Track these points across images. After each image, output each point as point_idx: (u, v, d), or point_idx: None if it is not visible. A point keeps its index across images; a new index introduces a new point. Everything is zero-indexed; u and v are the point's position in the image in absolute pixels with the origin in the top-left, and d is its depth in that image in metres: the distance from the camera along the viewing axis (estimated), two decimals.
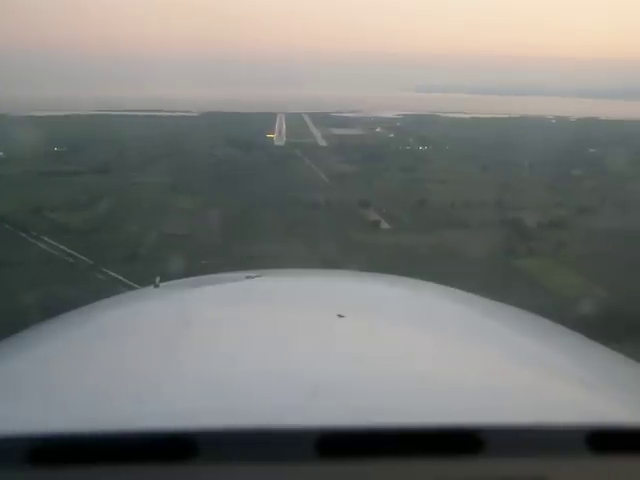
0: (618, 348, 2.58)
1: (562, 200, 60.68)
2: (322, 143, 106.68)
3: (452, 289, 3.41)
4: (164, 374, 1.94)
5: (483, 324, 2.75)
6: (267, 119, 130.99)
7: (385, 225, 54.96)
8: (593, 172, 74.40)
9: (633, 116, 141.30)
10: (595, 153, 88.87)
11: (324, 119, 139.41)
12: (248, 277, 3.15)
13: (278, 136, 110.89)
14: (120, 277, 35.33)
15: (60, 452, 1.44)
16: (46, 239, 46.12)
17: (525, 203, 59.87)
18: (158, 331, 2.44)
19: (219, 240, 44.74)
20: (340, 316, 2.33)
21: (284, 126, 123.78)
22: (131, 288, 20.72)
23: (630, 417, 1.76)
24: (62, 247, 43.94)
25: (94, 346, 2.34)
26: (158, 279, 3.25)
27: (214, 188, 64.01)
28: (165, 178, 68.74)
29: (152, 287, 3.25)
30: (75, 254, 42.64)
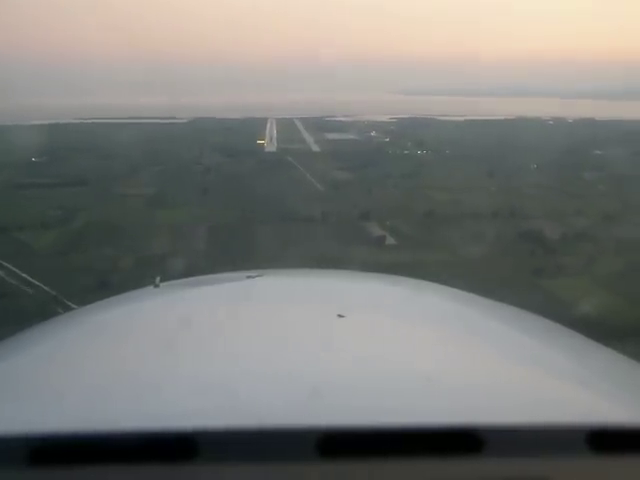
0: (620, 348, 2.50)
1: (581, 207, 55.71)
2: (315, 148, 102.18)
3: (452, 289, 3.35)
4: (164, 374, 1.93)
5: (484, 324, 2.72)
6: (257, 124, 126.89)
7: (391, 241, 49.34)
8: (605, 175, 70.16)
9: (628, 116, 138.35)
10: (602, 155, 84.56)
11: (316, 123, 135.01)
12: (248, 277, 3.13)
13: (269, 142, 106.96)
14: None
15: (60, 452, 1.46)
16: (6, 264, 40.53)
17: (542, 212, 54.93)
18: (158, 331, 2.42)
19: (203, 263, 39.07)
20: (340, 316, 2.32)
21: (275, 131, 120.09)
22: None
23: (630, 417, 1.76)
24: (23, 275, 38.50)
25: (94, 346, 2.34)
26: (158, 279, 3.19)
27: (199, 200, 59.37)
28: (148, 189, 64.50)
29: (152, 287, 3.19)
30: (36, 283, 37.17)
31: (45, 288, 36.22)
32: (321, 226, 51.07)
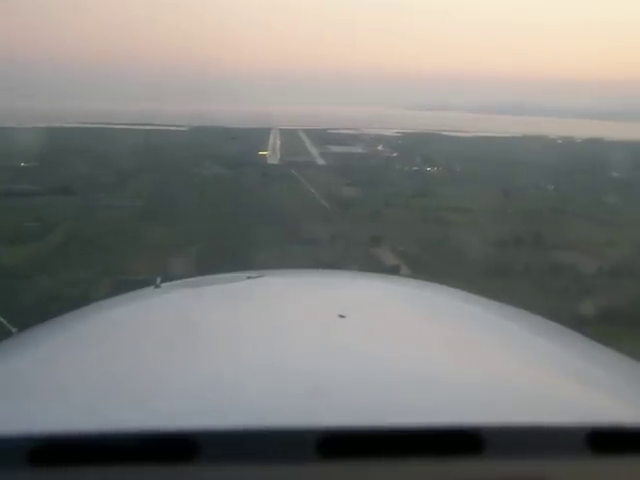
0: (620, 349, 2.52)
1: (612, 236, 50.54)
2: (320, 162, 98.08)
3: (452, 289, 3.38)
4: (165, 374, 1.95)
5: (484, 324, 2.73)
6: (260, 135, 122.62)
7: (406, 271, 44.38)
8: (630, 200, 64.69)
9: (636, 137, 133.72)
10: (621, 177, 79.57)
11: (321, 136, 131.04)
12: (249, 277, 3.15)
13: (272, 153, 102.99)
14: None
15: (60, 452, 1.47)
16: None
17: (569, 240, 49.94)
18: (159, 331, 2.43)
19: None
20: (341, 316, 2.32)
21: (278, 142, 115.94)
22: None
23: (630, 417, 1.77)
24: None
25: (94, 346, 2.35)
26: (159, 279, 3.18)
27: (193, 216, 54.67)
28: (139, 202, 60.12)
29: (153, 287, 3.15)
30: None
31: (2, 320, 31.20)
32: (328, 251, 45.82)
